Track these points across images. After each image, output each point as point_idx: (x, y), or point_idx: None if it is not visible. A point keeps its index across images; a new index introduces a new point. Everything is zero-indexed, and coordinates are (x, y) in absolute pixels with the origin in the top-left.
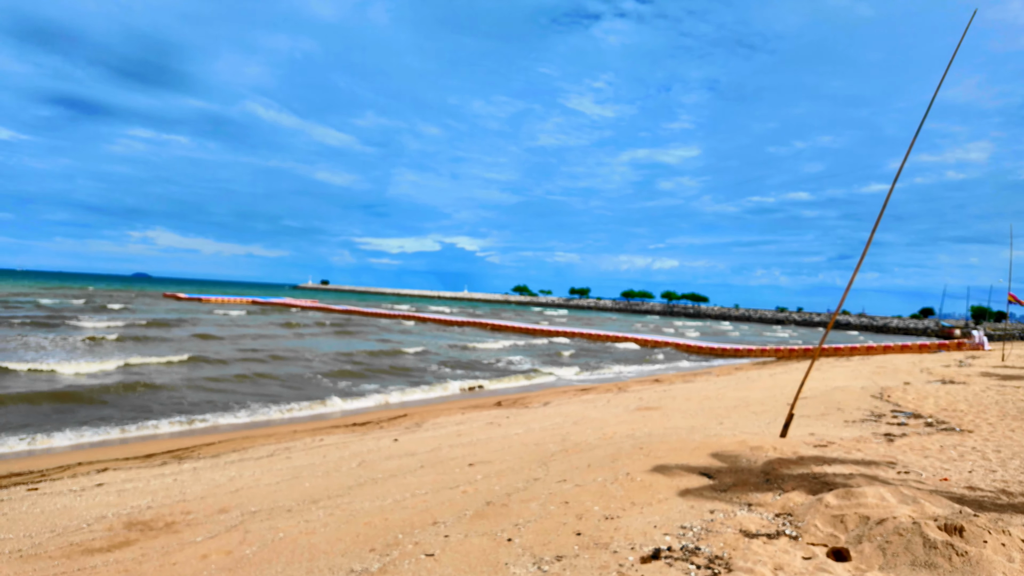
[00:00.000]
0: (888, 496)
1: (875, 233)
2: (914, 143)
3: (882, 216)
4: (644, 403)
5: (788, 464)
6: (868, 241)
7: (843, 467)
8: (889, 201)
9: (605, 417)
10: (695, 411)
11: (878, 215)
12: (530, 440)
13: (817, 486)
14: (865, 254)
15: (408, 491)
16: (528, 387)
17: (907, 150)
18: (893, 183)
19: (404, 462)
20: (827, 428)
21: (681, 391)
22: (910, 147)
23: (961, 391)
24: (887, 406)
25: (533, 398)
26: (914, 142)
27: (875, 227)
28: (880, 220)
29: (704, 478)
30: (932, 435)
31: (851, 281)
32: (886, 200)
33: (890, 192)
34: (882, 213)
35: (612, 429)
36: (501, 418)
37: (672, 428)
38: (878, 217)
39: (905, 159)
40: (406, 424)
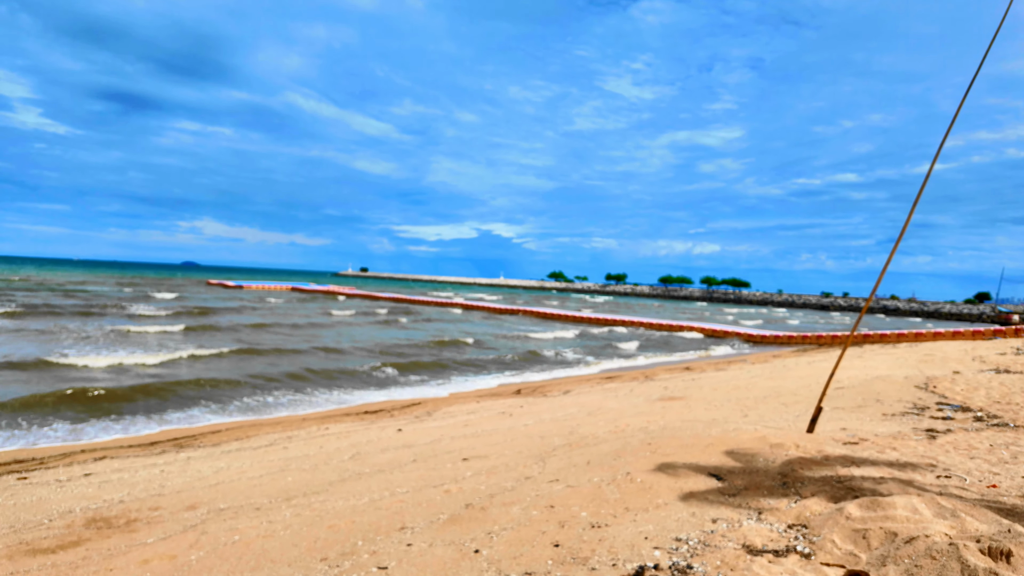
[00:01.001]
0: (922, 508)
1: (914, 215)
2: (953, 123)
3: (919, 198)
4: (668, 393)
5: (810, 465)
6: (905, 224)
7: (873, 469)
8: (944, 181)
9: (623, 408)
10: (721, 402)
11: (915, 198)
12: (536, 432)
13: (841, 492)
14: (901, 237)
15: (389, 489)
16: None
17: (946, 131)
18: (931, 166)
19: (398, 455)
20: (862, 423)
21: (710, 380)
22: (949, 128)
23: (1018, 381)
24: (932, 398)
25: (554, 386)
26: (953, 122)
27: (912, 210)
28: (917, 203)
29: (712, 479)
30: (982, 431)
31: (887, 264)
32: (923, 183)
33: (927, 176)
34: (919, 196)
35: (626, 421)
36: (515, 407)
37: (691, 421)
38: (915, 200)
39: (944, 141)
40: (417, 413)
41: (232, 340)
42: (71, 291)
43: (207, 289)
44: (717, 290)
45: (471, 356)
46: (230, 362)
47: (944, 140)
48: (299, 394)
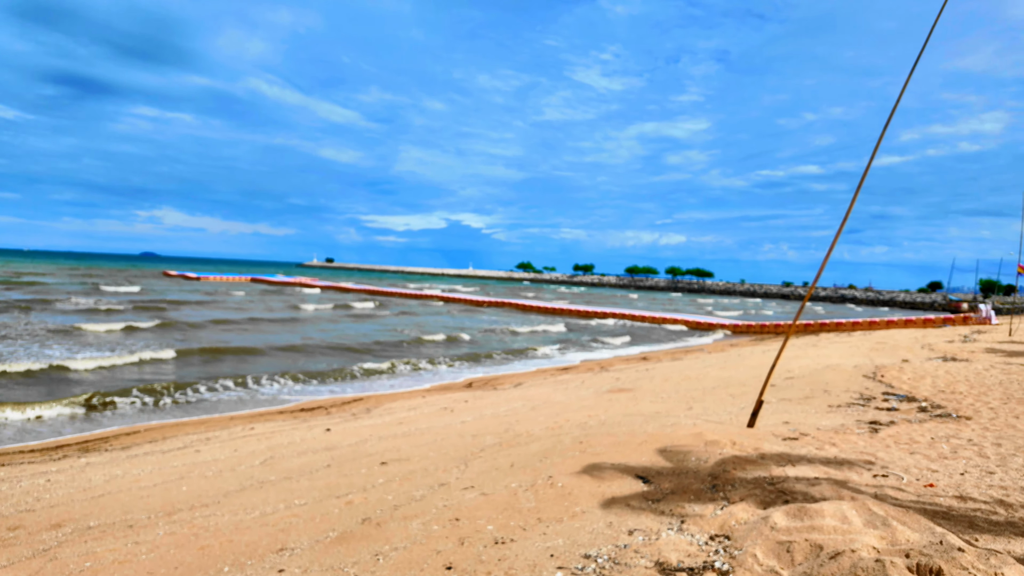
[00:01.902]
0: (852, 515)
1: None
2: (889, 122)
3: (858, 193)
4: (619, 384)
5: (744, 465)
6: (844, 218)
7: (809, 469)
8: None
9: (569, 401)
10: (669, 393)
11: (855, 193)
12: (470, 430)
13: (771, 496)
14: (841, 230)
15: (288, 500)
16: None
17: (883, 128)
18: (869, 164)
19: (314, 459)
20: (806, 415)
21: (663, 371)
22: (886, 125)
23: (963, 369)
24: (879, 387)
25: (507, 379)
26: (889, 121)
27: (852, 204)
28: (856, 199)
29: (639, 482)
30: (925, 423)
31: (828, 254)
32: (861, 180)
33: (864, 173)
34: (857, 192)
35: (568, 416)
36: (459, 403)
37: (632, 415)
38: (854, 196)
39: (880, 139)
40: (355, 410)
41: (181, 335)
42: (15, 283)
43: (164, 281)
44: (682, 280)
45: (436, 350)
46: (176, 359)
47: (880, 138)
48: (240, 391)
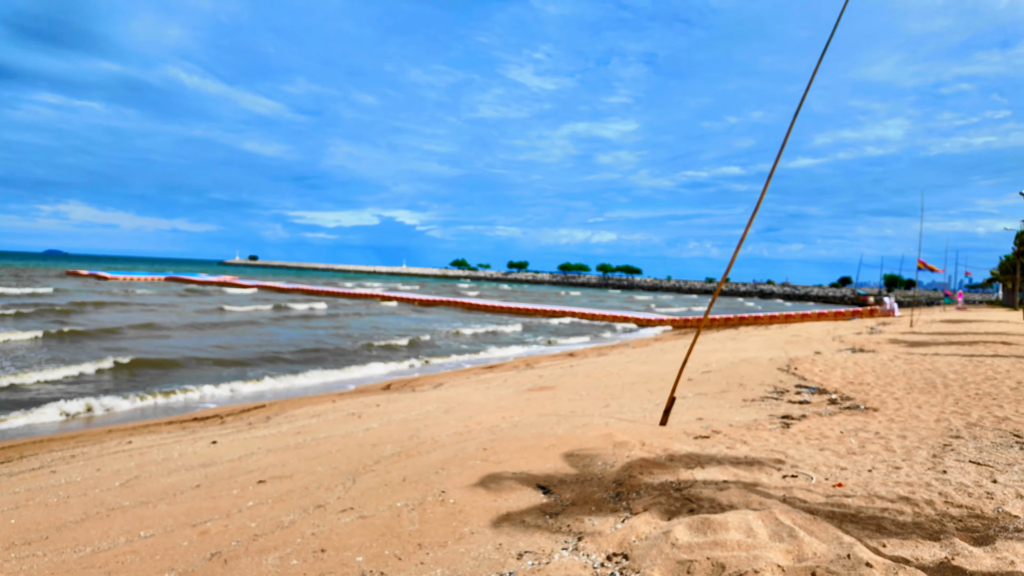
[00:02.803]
0: (757, 526)
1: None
2: (791, 130)
3: (762, 200)
4: (541, 382)
5: (652, 468)
6: (750, 221)
7: (719, 471)
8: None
9: (486, 402)
10: (588, 390)
11: (760, 196)
12: (371, 439)
13: (677, 504)
14: (747, 231)
15: (131, 531)
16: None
17: (786, 135)
18: (773, 168)
19: (185, 478)
20: (721, 410)
21: (586, 367)
22: (787, 133)
23: (870, 361)
24: (793, 380)
25: (427, 380)
26: (791, 129)
27: (757, 206)
28: (760, 203)
29: (539, 494)
30: (834, 416)
31: (736, 252)
32: (765, 185)
33: (769, 177)
34: (762, 196)
35: (480, 419)
36: (370, 407)
37: (547, 415)
38: (759, 202)
39: (784, 144)
40: (252, 418)
41: (73, 343)
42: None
43: (69, 281)
44: (612, 276)
45: (364, 351)
46: (73, 365)
47: (784, 143)
48: (140, 401)
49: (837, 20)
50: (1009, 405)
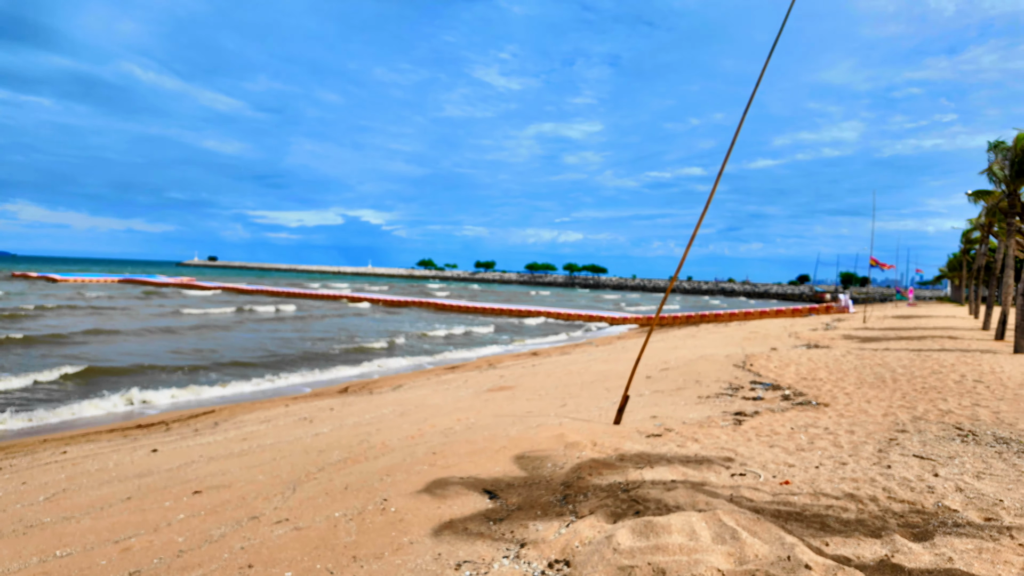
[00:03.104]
0: (700, 528)
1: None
2: (738, 133)
3: (712, 196)
4: (501, 382)
5: (601, 469)
6: (701, 215)
7: (668, 470)
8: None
9: (443, 403)
10: (548, 389)
11: (709, 195)
12: (320, 445)
13: (623, 506)
14: (699, 228)
15: (46, 551)
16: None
17: (733, 137)
18: (721, 168)
19: (117, 490)
20: (676, 407)
21: (549, 366)
22: (735, 136)
23: (823, 356)
24: (748, 376)
25: (387, 381)
26: (738, 132)
27: (707, 204)
28: (710, 201)
29: (485, 499)
30: (786, 412)
31: (687, 250)
32: (715, 183)
33: (718, 178)
34: (712, 194)
35: (436, 421)
36: (323, 411)
37: (503, 416)
38: (709, 196)
39: (731, 146)
40: (199, 424)
41: (23, 350)
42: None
43: (12, 283)
44: (578, 276)
45: (329, 354)
46: (17, 375)
47: (732, 146)
48: (66, 406)
49: (782, 26)
50: (953, 398)
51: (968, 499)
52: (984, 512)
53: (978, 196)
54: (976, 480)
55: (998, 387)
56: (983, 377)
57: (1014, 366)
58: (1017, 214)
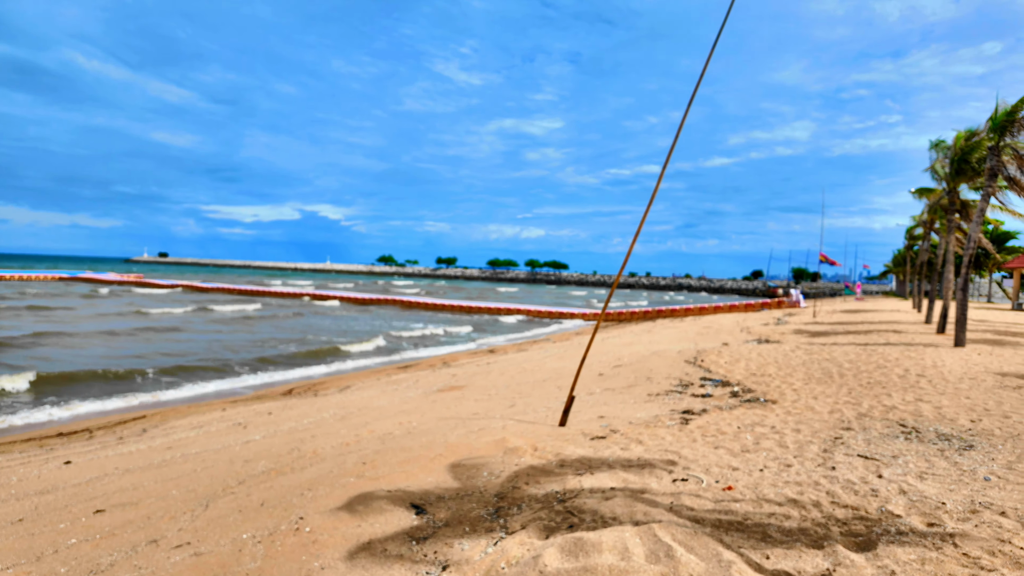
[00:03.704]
0: (633, 545)
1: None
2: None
3: (656, 194)
4: (453, 382)
5: (540, 476)
6: (645, 212)
7: (608, 476)
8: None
9: (388, 405)
10: (499, 389)
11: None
12: (247, 454)
13: (557, 519)
14: (642, 225)
15: None
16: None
17: (675, 137)
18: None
19: (12, 509)
20: (624, 406)
21: (503, 364)
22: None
23: (773, 352)
24: (699, 372)
25: (335, 382)
26: (679, 133)
27: (651, 200)
28: (654, 197)
29: (411, 514)
30: (734, 410)
31: (631, 246)
32: (658, 182)
33: (660, 178)
34: (656, 192)
35: (376, 426)
36: (261, 416)
37: (447, 419)
38: (653, 193)
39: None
40: (126, 432)
41: None
42: None
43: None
44: (540, 272)
45: (283, 353)
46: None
47: (673, 145)
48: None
49: (721, 27)
50: (897, 394)
51: (911, 502)
52: (927, 517)
53: (921, 193)
54: (919, 481)
55: (940, 381)
56: (925, 371)
57: (954, 360)
58: (957, 211)
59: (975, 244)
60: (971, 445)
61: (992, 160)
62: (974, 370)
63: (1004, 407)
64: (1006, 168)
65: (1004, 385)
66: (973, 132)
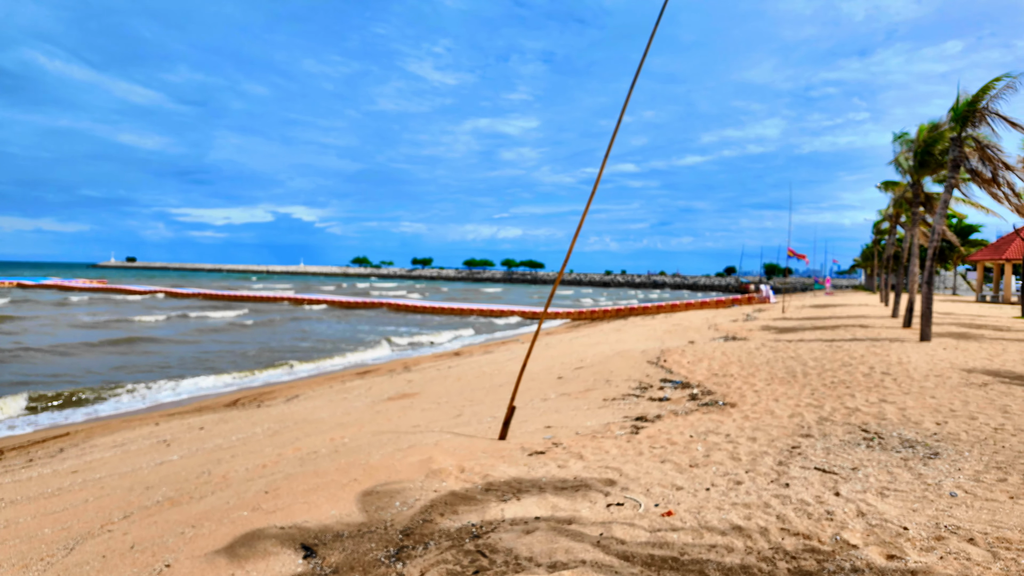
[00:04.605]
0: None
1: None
2: (617, 130)
3: (597, 186)
4: (408, 388)
5: (459, 504)
6: (586, 208)
7: (536, 502)
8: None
9: (329, 417)
10: (452, 395)
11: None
12: (150, 480)
13: (466, 561)
14: (584, 220)
15: None
16: None
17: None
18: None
19: None
20: (576, 413)
21: (463, 368)
22: (614, 134)
23: (738, 350)
24: (660, 373)
25: (285, 391)
26: (617, 129)
27: (591, 196)
28: (595, 191)
29: (298, 558)
30: (690, 415)
31: (573, 241)
32: (596, 182)
33: (600, 174)
34: (595, 188)
35: (304, 443)
36: (193, 430)
37: (383, 433)
38: (593, 189)
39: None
40: (38, 453)
41: None
42: None
43: None
44: (516, 271)
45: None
46: None
47: (611, 143)
48: None
49: (657, 22)
50: (860, 394)
51: (870, 527)
52: (887, 547)
53: (887, 187)
54: (880, 499)
55: (905, 379)
56: (891, 369)
57: (920, 355)
58: (921, 204)
59: (939, 236)
60: (936, 452)
61: (955, 151)
62: (940, 366)
63: (970, 407)
64: (968, 160)
65: (970, 383)
66: (936, 125)
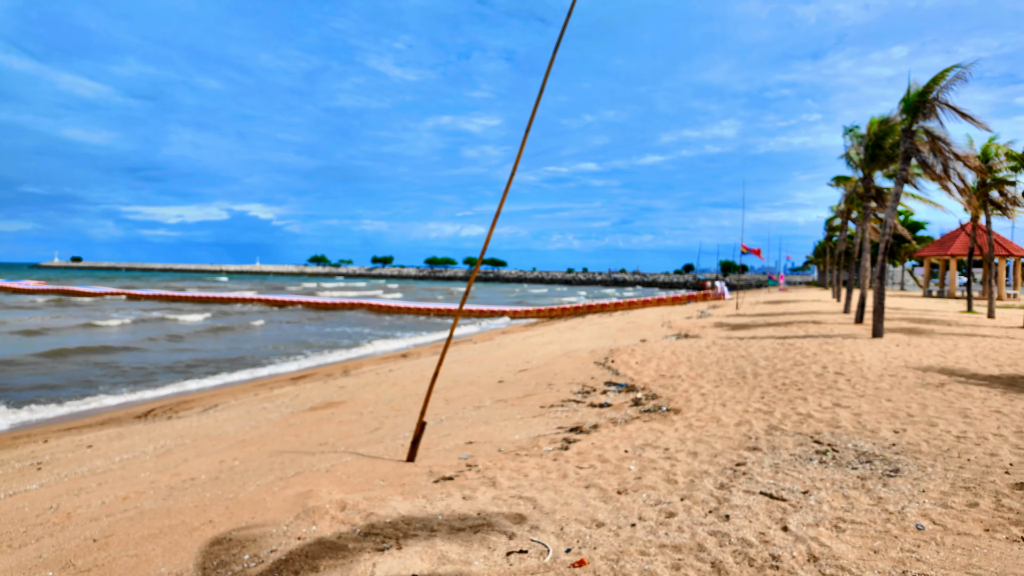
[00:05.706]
0: None
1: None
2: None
3: (508, 191)
4: (336, 395)
5: (322, 557)
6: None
7: (421, 551)
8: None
9: (233, 432)
10: (379, 404)
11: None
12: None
13: None
14: (497, 218)
15: None
16: None
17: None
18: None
19: None
20: (507, 424)
21: (404, 371)
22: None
23: (688, 348)
24: (606, 375)
25: (204, 400)
26: (528, 130)
27: (504, 197)
28: (508, 191)
29: None
30: (629, 424)
31: (488, 236)
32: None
33: (514, 169)
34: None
35: (190, 466)
36: (81, 448)
37: (281, 454)
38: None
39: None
40: None
41: None
42: None
43: None
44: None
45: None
46: None
47: (523, 144)
48: None
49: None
50: (813, 397)
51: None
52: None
53: (839, 182)
54: (834, 536)
55: (859, 380)
56: (844, 368)
57: (873, 353)
58: (872, 198)
59: (891, 230)
60: (896, 469)
61: (906, 143)
62: (894, 365)
63: (928, 411)
64: (920, 152)
65: (926, 383)
66: (887, 119)
